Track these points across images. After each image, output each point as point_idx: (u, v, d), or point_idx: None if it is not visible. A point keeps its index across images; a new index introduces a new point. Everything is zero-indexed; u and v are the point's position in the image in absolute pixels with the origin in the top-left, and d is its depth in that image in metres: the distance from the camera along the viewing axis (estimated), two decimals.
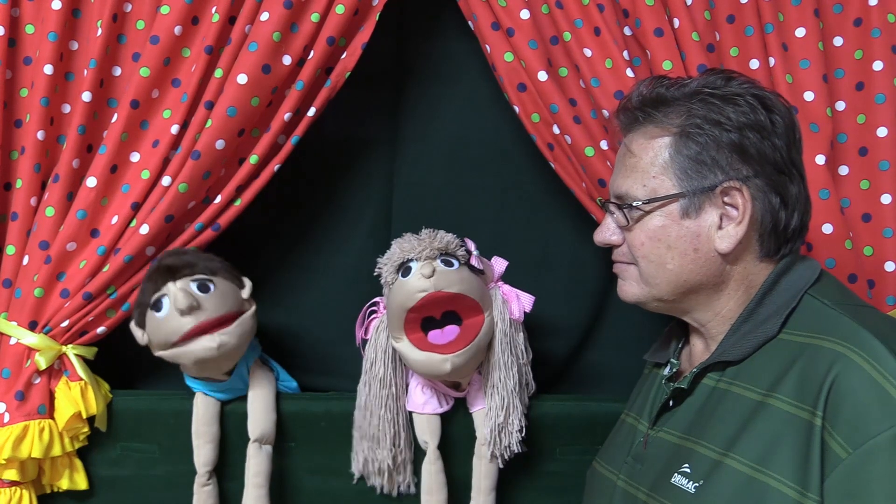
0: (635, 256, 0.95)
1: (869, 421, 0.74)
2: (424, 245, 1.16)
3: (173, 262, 1.18)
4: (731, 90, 0.90)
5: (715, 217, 0.89)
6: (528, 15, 1.23)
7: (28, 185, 1.22)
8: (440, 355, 1.14)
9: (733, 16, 1.24)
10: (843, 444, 0.75)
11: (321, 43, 1.23)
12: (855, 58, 1.23)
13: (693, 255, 0.90)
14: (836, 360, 0.79)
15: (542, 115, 1.27)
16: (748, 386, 0.86)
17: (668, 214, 0.91)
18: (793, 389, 0.81)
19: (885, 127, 1.21)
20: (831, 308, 0.86)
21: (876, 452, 0.73)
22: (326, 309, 1.46)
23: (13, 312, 1.22)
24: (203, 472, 1.24)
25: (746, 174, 0.88)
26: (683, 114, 0.90)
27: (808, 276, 0.90)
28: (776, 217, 0.89)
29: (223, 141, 1.20)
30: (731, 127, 0.88)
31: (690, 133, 0.89)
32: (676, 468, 0.89)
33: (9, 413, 1.19)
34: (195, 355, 1.16)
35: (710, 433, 0.87)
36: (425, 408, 1.25)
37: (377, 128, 1.45)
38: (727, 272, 0.91)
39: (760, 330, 0.88)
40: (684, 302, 0.95)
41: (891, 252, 1.21)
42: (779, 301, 0.89)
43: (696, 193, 0.89)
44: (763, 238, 0.90)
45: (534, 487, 1.31)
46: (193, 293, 1.15)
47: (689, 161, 0.89)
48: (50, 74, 1.21)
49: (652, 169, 0.91)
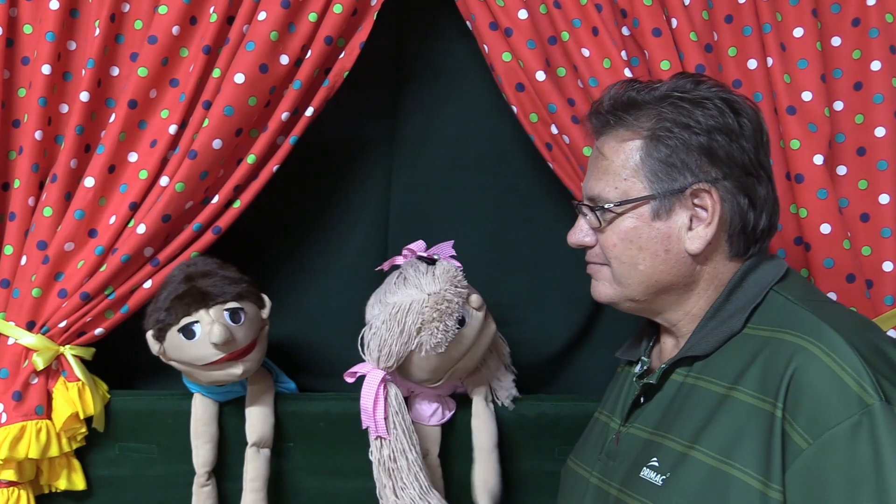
0: (608, 257, 0.96)
1: (828, 412, 0.76)
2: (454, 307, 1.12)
3: (205, 287, 1.16)
4: (700, 94, 0.91)
5: (685, 218, 0.91)
6: (526, 15, 1.23)
7: (26, 185, 1.22)
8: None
9: (731, 16, 1.24)
10: (804, 435, 0.76)
11: (319, 43, 1.23)
12: (853, 58, 1.23)
13: (664, 256, 0.92)
14: (797, 352, 0.80)
15: (541, 114, 1.26)
16: (713, 380, 0.88)
17: (639, 216, 0.92)
18: (755, 382, 0.83)
19: (884, 127, 1.21)
20: (794, 303, 0.87)
21: (835, 442, 0.75)
22: (325, 310, 1.46)
23: (11, 312, 1.22)
24: (202, 472, 1.24)
25: (715, 176, 0.90)
26: (654, 117, 0.92)
27: (775, 273, 0.92)
28: (745, 218, 0.91)
29: (220, 141, 1.20)
30: (700, 130, 0.89)
31: (660, 136, 0.91)
32: (645, 462, 0.90)
33: (6, 413, 1.19)
34: (216, 379, 1.19)
35: (677, 427, 0.89)
36: (432, 420, 1.26)
37: (376, 128, 1.45)
38: (697, 272, 0.93)
39: (726, 325, 0.90)
40: (656, 302, 0.96)
41: (889, 252, 1.20)
42: (745, 297, 0.90)
43: (667, 195, 0.91)
44: (732, 238, 0.92)
45: (534, 487, 1.31)
46: (228, 325, 1.15)
47: (659, 164, 0.91)
48: (48, 74, 1.21)
49: (623, 171, 0.93)
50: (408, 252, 1.22)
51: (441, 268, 1.15)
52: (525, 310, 1.42)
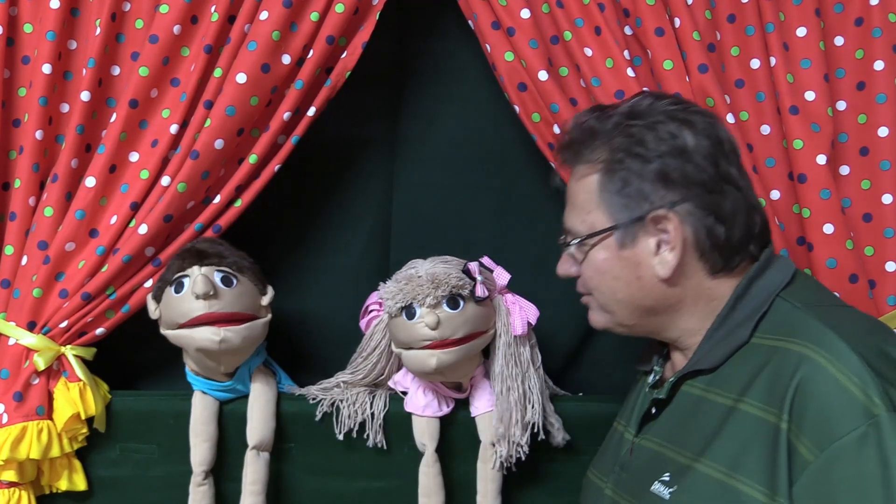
0: (589, 288, 0.98)
1: (834, 423, 0.74)
2: (427, 291, 1.14)
3: (205, 248, 1.18)
4: (653, 118, 0.91)
5: (652, 245, 0.91)
6: (528, 14, 1.23)
7: (26, 184, 1.22)
8: (427, 350, 1.15)
9: (734, 15, 1.24)
10: (810, 447, 0.75)
11: (321, 42, 1.23)
12: (856, 57, 1.23)
13: (638, 284, 0.93)
14: (802, 362, 0.79)
15: (543, 114, 1.26)
16: (721, 392, 0.87)
17: (608, 247, 0.93)
18: (762, 393, 0.82)
19: (886, 127, 1.20)
20: (801, 310, 0.86)
21: (842, 454, 0.73)
22: (327, 309, 1.46)
23: (12, 313, 1.22)
24: (199, 471, 1.24)
25: (673, 200, 0.89)
26: (607, 149, 0.92)
27: (780, 279, 0.90)
28: (713, 235, 0.90)
29: (222, 140, 1.19)
30: (652, 157, 0.89)
31: (614, 168, 0.91)
32: (657, 476, 0.90)
33: (7, 414, 1.19)
34: (196, 343, 1.16)
35: (686, 440, 0.88)
36: (426, 410, 1.25)
37: (377, 128, 1.45)
38: (677, 294, 0.92)
39: (733, 337, 0.89)
40: (648, 325, 0.96)
41: (892, 252, 1.20)
42: (751, 306, 0.89)
43: (628, 225, 0.91)
44: (705, 256, 0.91)
45: (534, 487, 1.31)
46: (214, 282, 1.15)
47: (615, 196, 0.92)
48: (48, 74, 1.21)
49: (587, 205, 0.94)
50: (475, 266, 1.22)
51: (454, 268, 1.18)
52: None
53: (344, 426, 1.25)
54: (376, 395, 1.28)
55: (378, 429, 1.26)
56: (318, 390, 1.29)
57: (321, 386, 1.30)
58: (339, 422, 1.26)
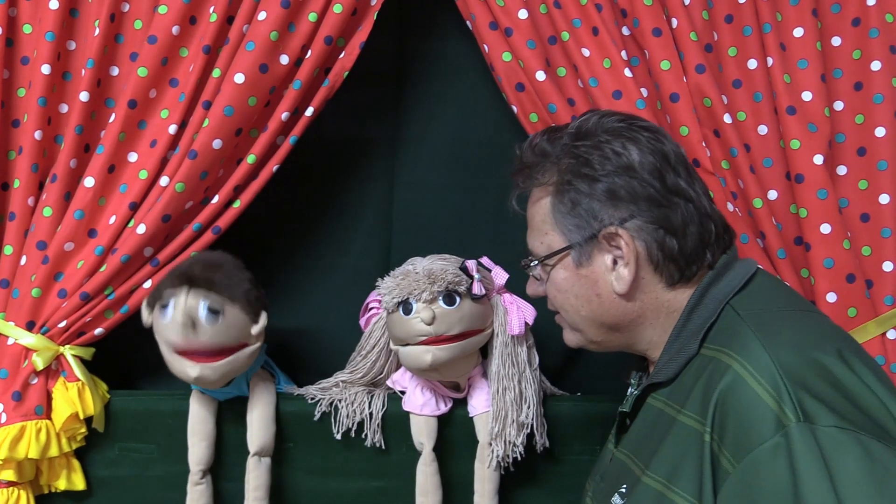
0: (555, 307, 1.00)
1: (750, 434, 0.74)
2: (423, 287, 1.14)
3: (199, 273, 1.14)
4: (598, 137, 0.92)
5: (607, 261, 0.92)
6: (526, 15, 1.23)
7: (26, 184, 1.22)
8: (423, 346, 1.15)
9: (731, 15, 1.24)
10: (730, 458, 0.75)
11: (319, 42, 1.23)
12: (853, 58, 1.23)
13: (598, 301, 0.93)
14: (726, 372, 0.79)
15: (541, 114, 1.26)
16: (672, 404, 0.88)
17: (566, 266, 0.95)
18: (695, 404, 0.82)
19: (884, 127, 1.21)
20: (741, 319, 0.86)
21: (758, 464, 0.73)
22: (327, 309, 1.46)
23: (11, 312, 1.22)
24: (196, 470, 1.24)
25: (622, 217, 0.90)
26: (555, 171, 0.94)
27: (733, 285, 0.90)
28: (665, 248, 0.90)
29: (220, 140, 1.20)
30: (599, 176, 0.90)
31: (563, 190, 0.93)
32: (617, 488, 0.91)
33: (6, 413, 1.19)
34: (174, 370, 1.15)
35: (641, 452, 0.90)
36: (423, 409, 1.25)
37: (376, 128, 1.45)
38: (637, 308, 0.93)
39: (685, 350, 0.89)
40: (616, 339, 0.97)
41: (889, 252, 1.20)
42: (702, 317, 0.89)
43: (583, 244, 0.92)
44: (660, 269, 0.91)
45: (533, 487, 1.31)
46: (197, 316, 1.11)
47: (566, 216, 0.93)
48: (47, 74, 1.21)
49: (543, 227, 0.96)
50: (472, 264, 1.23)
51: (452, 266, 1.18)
52: None
53: (342, 426, 1.26)
54: (374, 394, 1.28)
55: (376, 428, 1.26)
56: (316, 390, 1.29)
57: (320, 386, 1.30)
58: (338, 421, 1.26)
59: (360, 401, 1.27)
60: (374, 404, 1.27)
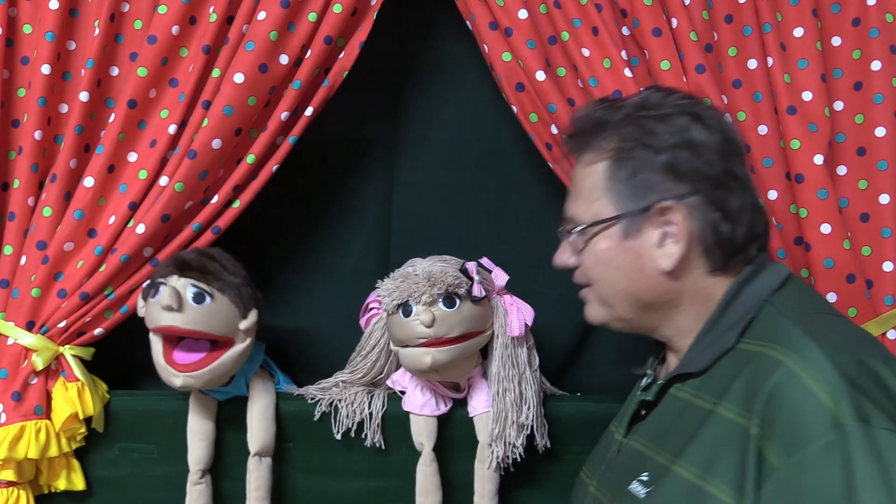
0: (589, 278, 0.97)
1: (803, 431, 0.74)
2: (423, 289, 1.14)
3: (191, 259, 1.16)
4: (665, 109, 0.91)
5: (655, 237, 0.91)
6: (526, 14, 1.23)
7: (25, 184, 1.22)
8: (423, 348, 1.15)
9: (731, 15, 1.24)
10: (778, 454, 0.75)
11: (318, 42, 1.23)
12: (853, 57, 1.23)
13: (639, 275, 0.92)
14: (777, 368, 0.78)
15: (541, 114, 1.26)
16: (705, 396, 0.87)
17: (611, 237, 0.93)
18: (738, 397, 0.82)
19: (884, 127, 1.20)
20: (784, 316, 0.85)
21: (808, 463, 0.72)
22: (327, 309, 1.46)
23: (10, 312, 1.22)
24: (195, 469, 1.24)
25: (681, 192, 0.89)
26: (617, 138, 0.92)
27: (771, 284, 0.90)
28: (718, 231, 0.89)
29: (220, 140, 1.19)
30: (663, 147, 0.89)
31: (623, 157, 0.91)
32: (636, 475, 0.90)
33: (5, 413, 1.19)
34: (163, 379, 1.16)
35: (667, 442, 0.89)
36: (423, 409, 1.25)
37: (376, 128, 1.45)
38: (677, 289, 0.92)
39: (720, 342, 0.88)
40: (645, 320, 0.96)
41: (889, 252, 1.20)
42: (740, 311, 0.89)
43: (634, 215, 0.91)
44: (708, 252, 0.90)
45: (533, 487, 1.31)
46: (183, 296, 1.12)
47: (623, 184, 0.91)
48: (47, 74, 1.21)
49: (592, 193, 0.94)
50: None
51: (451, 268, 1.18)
52: None
53: (342, 426, 1.26)
54: (374, 394, 1.28)
55: (376, 428, 1.26)
56: (316, 390, 1.29)
57: (320, 386, 1.30)
58: (338, 421, 1.26)
59: (359, 401, 1.27)
60: (373, 404, 1.27)
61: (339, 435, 1.26)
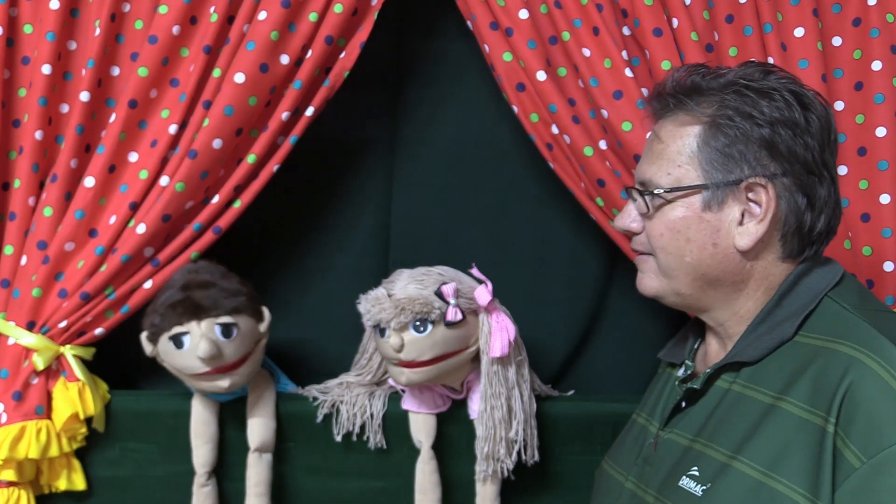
0: (653, 247, 0.93)
1: (884, 430, 0.72)
2: (391, 315, 1.13)
3: (201, 301, 1.15)
4: (768, 84, 0.87)
5: (737, 213, 0.88)
6: (526, 15, 1.23)
7: (26, 184, 1.22)
8: (398, 367, 1.16)
9: (732, 15, 1.24)
10: (857, 453, 0.73)
11: (319, 42, 1.23)
12: (854, 58, 1.23)
13: (712, 250, 0.89)
14: (852, 365, 0.77)
15: (541, 114, 1.26)
16: (761, 388, 0.85)
17: (690, 205, 0.89)
18: (806, 393, 0.79)
19: (884, 127, 1.20)
20: (850, 312, 0.84)
21: (890, 463, 0.71)
22: (326, 310, 1.46)
23: (11, 312, 1.22)
24: (202, 472, 1.24)
25: (774, 171, 0.86)
26: (716, 104, 0.88)
27: (829, 278, 0.88)
28: (801, 218, 0.87)
29: (220, 140, 1.20)
30: (763, 122, 0.86)
31: (720, 124, 0.87)
32: (685, 471, 0.87)
33: (6, 413, 1.19)
34: (203, 389, 1.18)
35: (721, 436, 0.86)
36: (421, 407, 1.25)
37: (376, 128, 1.45)
38: (746, 270, 0.89)
39: (776, 332, 0.86)
40: (703, 298, 0.92)
41: (890, 252, 1.20)
42: (797, 303, 0.87)
43: (720, 186, 0.87)
44: (786, 238, 0.88)
45: (533, 487, 1.31)
46: (217, 340, 1.13)
47: (716, 153, 0.87)
48: (48, 74, 1.21)
49: (678, 157, 0.90)
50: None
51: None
52: (526, 310, 1.42)
53: (343, 428, 1.25)
54: (376, 394, 1.28)
55: (377, 429, 1.26)
56: (318, 390, 1.29)
57: (324, 386, 1.30)
58: (339, 423, 1.26)
59: (361, 403, 1.26)
60: (374, 405, 1.26)
61: (340, 437, 1.26)
